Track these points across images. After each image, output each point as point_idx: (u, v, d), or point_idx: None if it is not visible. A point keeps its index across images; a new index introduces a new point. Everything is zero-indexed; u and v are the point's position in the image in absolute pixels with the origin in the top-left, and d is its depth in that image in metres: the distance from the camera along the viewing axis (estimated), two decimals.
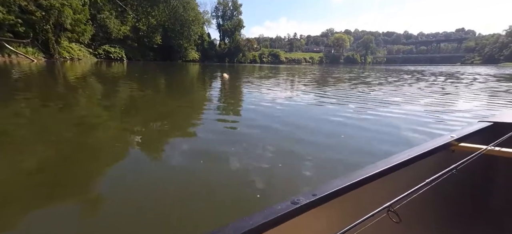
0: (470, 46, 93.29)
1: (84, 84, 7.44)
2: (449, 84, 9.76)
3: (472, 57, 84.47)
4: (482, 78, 12.75)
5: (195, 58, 46.54)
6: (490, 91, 7.54)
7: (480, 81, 10.94)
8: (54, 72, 11.32)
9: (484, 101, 5.73)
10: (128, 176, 1.95)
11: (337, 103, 5.22)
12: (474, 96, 6.59)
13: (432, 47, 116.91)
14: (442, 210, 1.22)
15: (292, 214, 0.65)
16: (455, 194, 1.25)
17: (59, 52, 22.03)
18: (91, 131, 3.05)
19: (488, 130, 1.38)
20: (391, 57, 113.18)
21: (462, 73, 17.98)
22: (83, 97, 5.37)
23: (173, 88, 7.98)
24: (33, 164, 2.09)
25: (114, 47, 31.54)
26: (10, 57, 17.39)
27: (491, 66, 46.47)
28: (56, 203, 1.61)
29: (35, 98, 5.01)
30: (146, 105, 4.97)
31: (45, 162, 2.15)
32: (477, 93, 7.15)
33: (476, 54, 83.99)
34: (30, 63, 15.84)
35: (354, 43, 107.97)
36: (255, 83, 9.45)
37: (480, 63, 72.78)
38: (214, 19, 59.50)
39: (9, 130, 2.97)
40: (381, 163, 0.91)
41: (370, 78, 12.40)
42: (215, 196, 1.68)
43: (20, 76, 8.71)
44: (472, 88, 8.46)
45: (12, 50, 17.49)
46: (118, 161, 2.23)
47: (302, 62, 76.70)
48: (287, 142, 2.74)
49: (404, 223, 0.64)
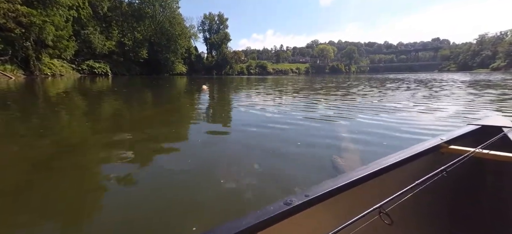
0: (445, 54, 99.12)
1: (58, 100, 7.43)
2: (434, 90, 10.29)
3: (448, 64, 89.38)
4: (462, 84, 13.31)
5: (182, 71, 46.68)
6: (472, 96, 7.82)
7: (459, 87, 11.54)
8: (34, 89, 11.15)
9: (469, 105, 5.95)
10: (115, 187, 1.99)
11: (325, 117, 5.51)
12: (458, 100, 6.85)
13: (411, 56, 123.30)
14: (433, 212, 1.24)
15: (285, 215, 0.66)
16: (445, 195, 1.27)
17: (40, 69, 21.57)
18: (67, 147, 3.15)
19: (476, 132, 1.42)
20: (374, 66, 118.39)
21: (441, 80, 18.87)
22: (57, 113, 5.42)
23: (149, 102, 8.07)
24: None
25: (99, 62, 31.26)
26: None
27: (466, 72, 49.13)
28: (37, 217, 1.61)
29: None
30: (116, 117, 5.08)
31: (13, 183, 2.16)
32: (460, 97, 7.49)
33: (452, 62, 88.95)
34: (8, 81, 15.47)
35: (338, 54, 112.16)
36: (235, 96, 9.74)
37: (456, 70, 76.88)
38: (201, 33, 60.52)
39: None
40: (373, 164, 0.93)
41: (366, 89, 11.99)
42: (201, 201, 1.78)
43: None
44: (456, 93, 8.86)
45: None
46: (98, 183, 2.20)
47: (289, 73, 78.55)
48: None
49: (395, 224, 0.65)
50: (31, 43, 20.08)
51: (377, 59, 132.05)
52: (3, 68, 18.04)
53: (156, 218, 1.60)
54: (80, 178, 2.23)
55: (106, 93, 10.39)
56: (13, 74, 18.46)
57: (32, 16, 18.83)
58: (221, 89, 13.55)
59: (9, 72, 18.24)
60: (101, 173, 2.34)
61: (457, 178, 1.16)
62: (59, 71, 24.06)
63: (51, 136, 3.65)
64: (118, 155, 2.72)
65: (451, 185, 1.24)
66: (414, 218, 1.11)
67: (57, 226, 1.55)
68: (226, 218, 1.60)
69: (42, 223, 1.56)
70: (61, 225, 1.56)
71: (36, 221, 1.57)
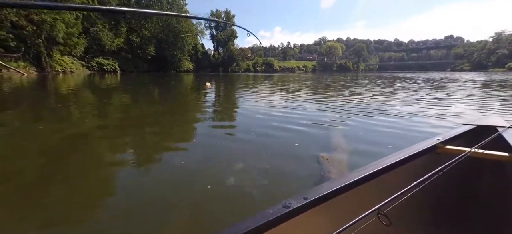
0: (458, 53, 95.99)
1: (70, 96, 7.63)
2: (451, 89, 9.95)
3: (461, 63, 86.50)
4: (479, 84, 12.87)
5: (189, 69, 47.06)
6: (488, 97, 7.47)
7: (477, 87, 11.09)
8: (45, 86, 11.49)
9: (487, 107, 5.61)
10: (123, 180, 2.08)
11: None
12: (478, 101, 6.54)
13: (423, 54, 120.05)
14: (430, 212, 1.25)
15: (284, 218, 0.66)
16: (442, 195, 1.27)
17: (51, 65, 22.21)
18: (79, 141, 3.29)
19: (472, 132, 1.42)
20: (383, 64, 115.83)
21: (455, 80, 18.20)
22: (68, 108, 5.57)
23: (154, 98, 8.19)
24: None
25: (108, 59, 31.89)
26: (1, 72, 17.50)
27: (480, 72, 47.18)
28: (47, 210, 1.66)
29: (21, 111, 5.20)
30: (121, 112, 5.18)
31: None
32: (474, 98, 7.15)
33: (465, 60, 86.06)
34: (21, 77, 15.98)
35: (346, 51, 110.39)
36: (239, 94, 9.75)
37: (469, 69, 74.18)
38: (208, 30, 60.57)
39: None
40: (370, 165, 0.93)
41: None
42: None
43: (9, 90, 8.86)
44: (474, 93, 8.48)
45: (3, 65, 17.63)
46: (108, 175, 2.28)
47: (295, 70, 77.90)
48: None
49: (393, 225, 0.65)
50: (43, 41, 20.68)
51: (386, 57, 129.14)
52: (16, 65, 18.65)
53: (162, 206, 1.70)
54: (91, 166, 2.43)
55: (114, 89, 10.60)
56: (26, 70, 19.05)
57: (43, 13, 19.35)
58: (225, 86, 13.61)
59: (22, 69, 18.84)
60: (108, 162, 2.55)
61: (453, 178, 1.15)
62: (70, 67, 24.70)
63: (67, 129, 3.87)
64: (122, 149, 2.91)
65: (448, 185, 1.23)
66: (412, 218, 1.12)
67: (73, 210, 1.70)
68: (225, 216, 1.65)
69: (60, 206, 1.72)
70: (76, 210, 1.71)
71: (57, 204, 1.74)
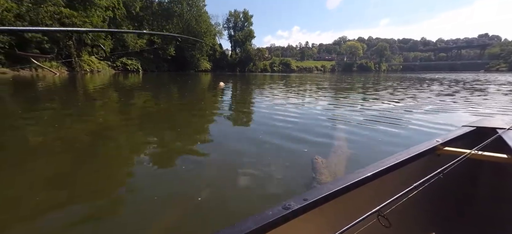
0: (494, 53, 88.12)
1: (96, 93, 8.10)
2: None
3: (497, 64, 79.57)
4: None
5: (207, 68, 47.92)
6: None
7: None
8: (75, 84, 12.33)
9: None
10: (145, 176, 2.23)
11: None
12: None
13: (452, 54, 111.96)
14: (430, 214, 1.24)
15: (284, 219, 0.66)
16: (442, 197, 1.26)
17: (80, 65, 23.75)
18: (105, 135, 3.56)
19: (471, 134, 1.41)
20: (407, 64, 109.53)
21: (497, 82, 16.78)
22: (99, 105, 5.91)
23: (175, 97, 8.45)
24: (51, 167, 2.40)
25: (131, 59, 33.42)
26: (36, 71, 19.04)
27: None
28: (71, 204, 1.78)
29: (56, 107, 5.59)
30: (144, 110, 5.44)
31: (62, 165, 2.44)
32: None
33: (502, 61, 79.06)
34: (53, 76, 17.25)
35: (367, 51, 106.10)
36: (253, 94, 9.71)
37: (506, 70, 68.40)
38: (226, 30, 61.28)
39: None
40: (370, 167, 0.93)
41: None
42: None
43: (44, 87, 9.59)
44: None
45: (38, 65, 19.15)
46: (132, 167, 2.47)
47: (313, 70, 76.38)
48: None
49: (393, 227, 0.65)
50: (73, 42, 22.15)
51: (412, 57, 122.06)
52: (49, 65, 20.16)
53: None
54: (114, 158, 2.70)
55: (136, 88, 11.09)
56: (58, 70, 20.54)
57: (74, 17, 20.74)
58: (241, 86, 13.72)
59: (54, 68, 20.34)
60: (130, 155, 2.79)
61: (453, 180, 1.16)
62: (97, 67, 26.23)
63: (94, 120, 4.30)
64: (143, 145, 3.13)
65: (448, 187, 1.24)
66: (412, 220, 1.12)
67: (99, 196, 1.90)
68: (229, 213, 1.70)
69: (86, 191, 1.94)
70: (101, 195, 1.92)
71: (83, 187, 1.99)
